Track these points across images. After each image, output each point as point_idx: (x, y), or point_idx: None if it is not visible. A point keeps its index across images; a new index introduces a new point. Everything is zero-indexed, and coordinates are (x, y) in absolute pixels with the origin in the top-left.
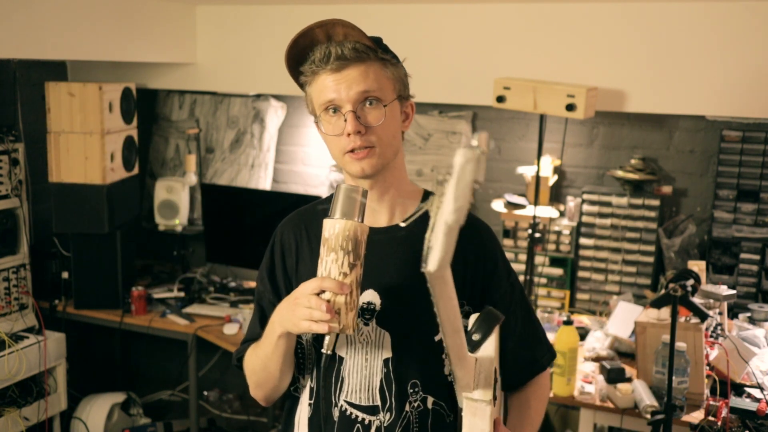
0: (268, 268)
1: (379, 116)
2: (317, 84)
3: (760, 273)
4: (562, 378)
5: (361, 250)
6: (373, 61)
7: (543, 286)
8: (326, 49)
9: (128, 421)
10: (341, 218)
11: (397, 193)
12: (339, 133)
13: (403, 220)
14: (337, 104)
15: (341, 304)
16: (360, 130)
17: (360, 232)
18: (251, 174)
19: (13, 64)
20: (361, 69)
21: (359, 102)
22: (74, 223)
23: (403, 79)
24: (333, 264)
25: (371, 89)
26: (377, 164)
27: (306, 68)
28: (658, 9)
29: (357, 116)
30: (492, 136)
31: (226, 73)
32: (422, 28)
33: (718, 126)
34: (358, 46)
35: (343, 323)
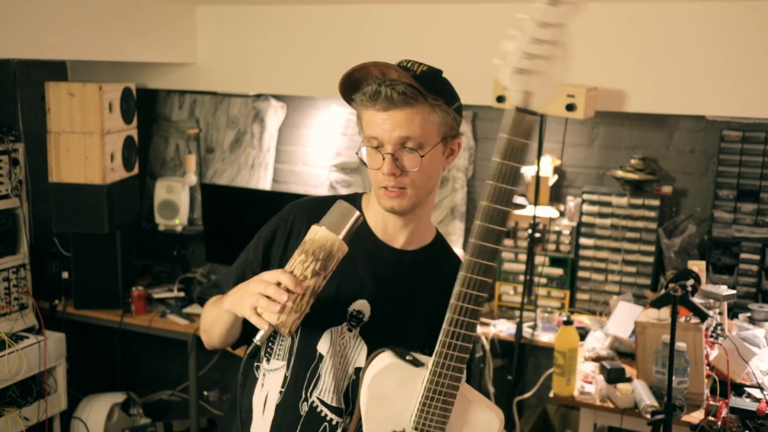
0: (266, 240)
1: (415, 163)
2: (365, 116)
3: (760, 273)
4: (562, 378)
5: (331, 264)
6: (422, 106)
7: (543, 286)
8: (377, 87)
9: (128, 421)
10: (326, 228)
11: (419, 225)
12: (377, 168)
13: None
14: (380, 142)
15: (288, 302)
16: (395, 173)
17: (337, 249)
18: (251, 174)
19: (13, 64)
20: (408, 113)
21: (399, 145)
22: (74, 223)
23: (450, 122)
24: (299, 264)
25: (413, 136)
26: (407, 205)
27: (357, 98)
28: (658, 9)
29: (395, 158)
30: (492, 136)
31: (226, 73)
32: (422, 28)
33: (718, 126)
34: (408, 91)
35: (281, 320)
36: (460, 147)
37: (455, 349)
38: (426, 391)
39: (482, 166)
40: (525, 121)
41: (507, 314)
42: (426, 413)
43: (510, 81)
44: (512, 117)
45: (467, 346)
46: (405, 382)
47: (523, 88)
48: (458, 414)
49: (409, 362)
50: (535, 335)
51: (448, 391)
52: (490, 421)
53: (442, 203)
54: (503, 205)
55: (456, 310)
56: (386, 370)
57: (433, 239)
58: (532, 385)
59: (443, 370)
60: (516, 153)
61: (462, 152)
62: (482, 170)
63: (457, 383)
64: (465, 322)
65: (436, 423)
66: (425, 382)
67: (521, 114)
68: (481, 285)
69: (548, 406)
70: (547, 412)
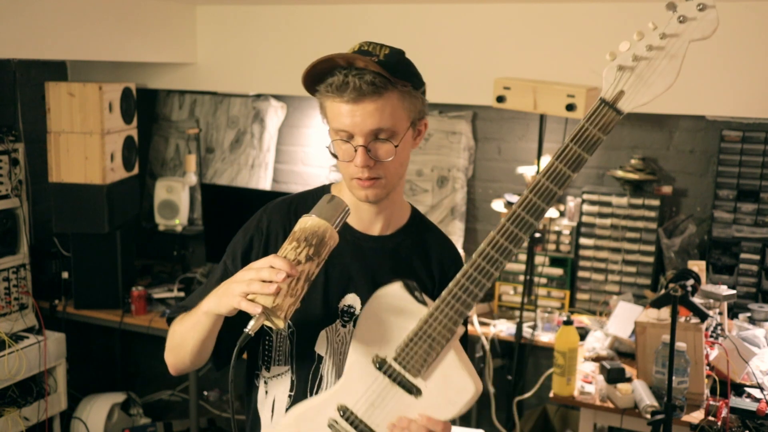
0: (244, 248)
1: (389, 153)
2: (332, 107)
3: (760, 273)
4: (562, 378)
5: (324, 251)
6: (391, 93)
7: (543, 286)
8: (344, 78)
9: (128, 421)
10: (317, 217)
11: (393, 208)
12: (349, 160)
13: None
14: (350, 134)
15: (282, 286)
16: (369, 164)
17: (329, 236)
18: (251, 174)
19: (13, 64)
20: (378, 103)
21: (371, 136)
22: (74, 223)
23: (419, 106)
24: (291, 250)
25: (385, 126)
26: (381, 194)
27: (322, 89)
28: (658, 9)
29: (368, 149)
30: (492, 136)
31: (226, 73)
32: (422, 28)
33: (718, 126)
34: (377, 81)
35: (277, 302)
36: (426, 127)
37: (466, 293)
38: (419, 329)
39: (482, 166)
40: (606, 115)
41: (507, 314)
42: (410, 350)
43: (607, 73)
44: (595, 107)
45: (475, 296)
46: (404, 313)
47: (617, 83)
48: (439, 365)
49: (415, 298)
50: (535, 335)
51: (438, 337)
52: (466, 387)
53: (442, 203)
54: (555, 185)
55: (483, 256)
56: (391, 295)
57: (409, 217)
58: (532, 385)
59: (442, 315)
60: (586, 142)
61: (462, 152)
62: (482, 170)
63: (450, 334)
64: (486, 271)
65: (415, 363)
66: (421, 321)
67: (604, 107)
68: (516, 238)
69: (548, 406)
70: (547, 412)
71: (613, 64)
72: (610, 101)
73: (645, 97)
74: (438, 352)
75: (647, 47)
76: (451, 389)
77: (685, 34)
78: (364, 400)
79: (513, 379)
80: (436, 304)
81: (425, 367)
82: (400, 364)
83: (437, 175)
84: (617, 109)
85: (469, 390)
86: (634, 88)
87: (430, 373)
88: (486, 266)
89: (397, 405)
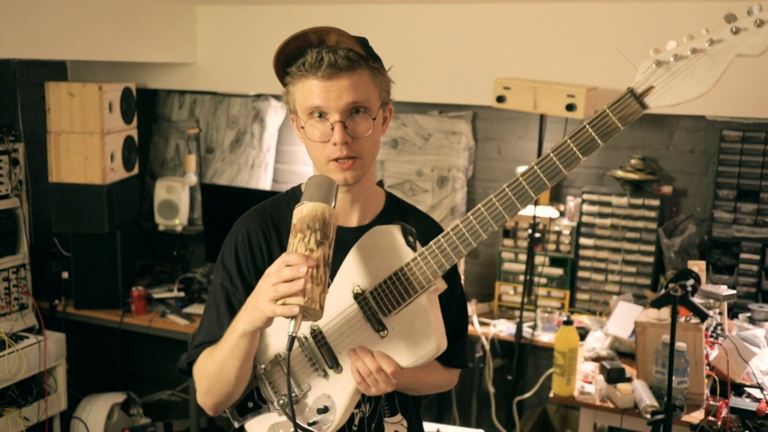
0: (235, 266)
1: (367, 128)
2: (304, 87)
3: (760, 273)
4: (562, 378)
5: (330, 231)
6: (364, 70)
7: (543, 286)
8: (318, 54)
9: (128, 421)
10: (309, 202)
11: (367, 196)
12: (324, 140)
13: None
14: (324, 111)
15: (307, 279)
16: (347, 140)
17: (329, 215)
18: (251, 174)
19: (13, 64)
20: (353, 79)
21: (347, 112)
22: (74, 223)
23: (387, 86)
24: (299, 243)
25: (361, 100)
26: (359, 175)
27: (294, 70)
28: (658, 9)
29: (345, 126)
30: (492, 136)
31: (226, 73)
32: (422, 28)
33: (718, 126)
34: (351, 55)
35: (308, 296)
36: (392, 113)
37: (450, 246)
38: (399, 269)
39: (482, 166)
40: (629, 105)
41: (507, 314)
42: (387, 288)
43: (644, 66)
44: (621, 95)
45: (458, 252)
46: (392, 253)
47: (649, 76)
48: (410, 311)
49: (407, 242)
50: (535, 335)
51: (414, 283)
52: (428, 340)
53: (442, 203)
54: (562, 163)
55: (476, 215)
56: (386, 233)
57: (385, 204)
58: (532, 385)
59: (423, 262)
60: (604, 128)
61: (462, 152)
62: (482, 170)
63: (426, 283)
64: (474, 230)
65: (388, 302)
66: (404, 263)
67: (630, 97)
68: (511, 204)
69: (548, 406)
70: (547, 412)
71: (653, 58)
72: (638, 93)
73: (674, 97)
74: (411, 296)
75: (691, 49)
76: (413, 337)
77: (734, 46)
78: (335, 326)
79: (513, 379)
80: (421, 251)
81: (396, 309)
82: (374, 300)
83: (437, 175)
84: (642, 102)
85: (430, 344)
86: (665, 85)
87: (400, 317)
88: (475, 225)
89: (362, 338)
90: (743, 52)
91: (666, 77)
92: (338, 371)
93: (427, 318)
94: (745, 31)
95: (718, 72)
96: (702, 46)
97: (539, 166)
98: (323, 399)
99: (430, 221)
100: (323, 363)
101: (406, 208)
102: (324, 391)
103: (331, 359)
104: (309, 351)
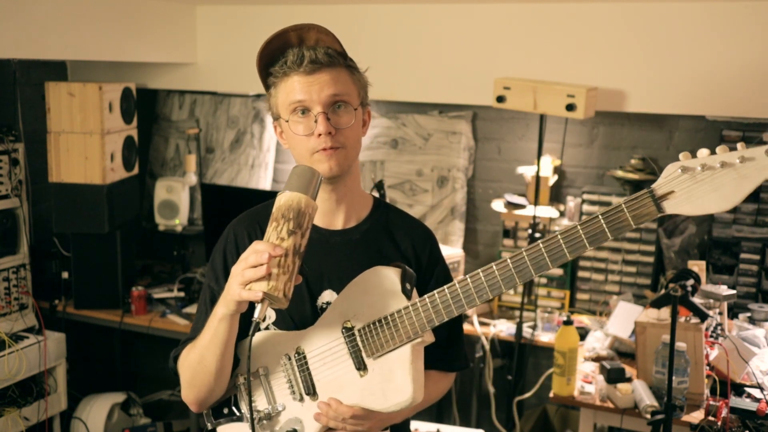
0: (223, 269)
1: (349, 119)
2: (286, 85)
3: (760, 273)
4: (562, 378)
5: (304, 221)
6: (343, 68)
7: (543, 286)
8: (299, 52)
9: (128, 421)
10: (288, 191)
11: (353, 197)
12: (308, 133)
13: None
14: (307, 105)
15: (273, 266)
16: (331, 131)
17: (305, 205)
18: (251, 174)
19: (13, 64)
20: (333, 74)
21: (329, 105)
22: (74, 223)
23: (365, 87)
24: (273, 231)
25: (341, 93)
26: (344, 165)
27: (276, 69)
28: (658, 9)
29: (327, 117)
30: (492, 136)
31: (226, 73)
32: (422, 28)
33: (718, 126)
34: (330, 52)
35: (272, 285)
36: (370, 117)
37: (443, 305)
38: (390, 315)
39: (482, 166)
40: (645, 205)
41: (507, 314)
42: (376, 330)
43: (669, 168)
44: (641, 192)
45: (450, 312)
46: (388, 296)
47: (672, 180)
48: (392, 357)
49: (403, 288)
50: (535, 335)
51: (402, 331)
52: (404, 390)
53: (442, 203)
54: (569, 248)
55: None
56: (385, 275)
57: (372, 207)
58: (532, 385)
59: (414, 314)
60: (615, 224)
61: (462, 152)
62: (482, 170)
63: (413, 333)
64: (470, 296)
65: (374, 344)
66: (395, 309)
67: (648, 197)
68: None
69: (548, 406)
70: (547, 412)
71: (680, 163)
72: (657, 195)
73: (692, 208)
74: (396, 344)
75: (721, 162)
76: (391, 384)
77: (766, 167)
78: (319, 353)
79: (513, 379)
80: (414, 301)
81: (380, 352)
82: (361, 338)
83: (437, 175)
84: (660, 205)
85: (405, 394)
86: (686, 193)
87: (382, 361)
88: (471, 291)
89: (342, 373)
90: (762, 174)
91: (689, 184)
92: (314, 399)
93: (408, 369)
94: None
95: (744, 191)
96: (732, 160)
97: (545, 245)
98: (294, 422)
99: (418, 224)
100: (300, 387)
101: (393, 210)
102: (296, 414)
103: (309, 385)
104: (291, 372)
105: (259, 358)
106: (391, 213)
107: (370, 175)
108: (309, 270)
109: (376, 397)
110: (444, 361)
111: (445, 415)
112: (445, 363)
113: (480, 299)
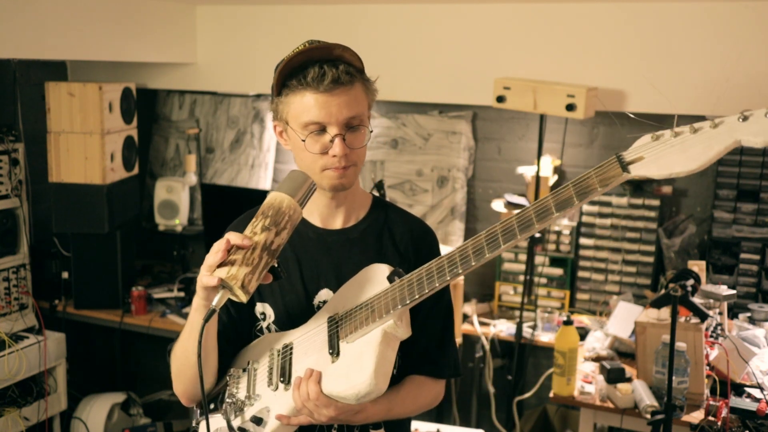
0: None
1: (363, 139)
2: (302, 101)
3: (760, 273)
4: (562, 378)
5: (283, 221)
6: (359, 83)
7: (543, 286)
8: (321, 69)
9: (128, 421)
10: (276, 191)
11: (353, 198)
12: (323, 152)
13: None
14: (323, 125)
15: (237, 257)
16: (347, 153)
17: (286, 206)
18: (251, 174)
19: (13, 64)
20: (351, 93)
21: (346, 126)
22: (74, 223)
23: (374, 97)
24: (250, 225)
25: (358, 115)
26: (353, 179)
27: (294, 83)
28: (658, 9)
29: (344, 139)
30: (492, 136)
31: (226, 73)
32: (422, 28)
33: None
34: (350, 70)
35: (231, 272)
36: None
37: (417, 284)
38: (370, 300)
39: (482, 166)
40: (612, 167)
41: (507, 314)
42: (354, 313)
43: (642, 139)
44: (610, 158)
45: (422, 292)
46: (371, 287)
47: (643, 148)
48: (363, 340)
49: (389, 278)
50: (535, 335)
51: (376, 311)
52: (365, 374)
53: (442, 203)
54: (537, 217)
55: (448, 259)
56: (376, 270)
57: (370, 206)
58: (532, 385)
59: (390, 293)
60: (582, 188)
61: (462, 152)
62: (482, 170)
63: (385, 312)
64: (443, 273)
65: (350, 326)
66: (377, 294)
67: (615, 161)
68: (480, 251)
69: (548, 406)
70: (547, 412)
71: (653, 133)
72: (625, 161)
73: (657, 169)
74: (369, 324)
75: (692, 128)
76: (354, 368)
77: (736, 130)
78: (302, 345)
79: (513, 379)
80: (392, 285)
81: (353, 335)
82: (342, 324)
83: (437, 175)
84: (625, 167)
85: (364, 378)
86: (654, 156)
87: (353, 346)
88: (444, 266)
89: (317, 358)
90: (744, 137)
91: (659, 149)
92: (286, 388)
93: (375, 352)
94: (752, 118)
95: (713, 151)
96: (704, 126)
97: (516, 218)
98: (263, 411)
99: (416, 221)
100: (276, 376)
101: (391, 208)
102: (267, 404)
103: (285, 374)
104: (274, 363)
105: (250, 355)
106: (390, 211)
107: (370, 175)
108: (305, 271)
109: (339, 381)
110: (433, 365)
111: (445, 415)
112: (434, 368)
113: (451, 273)
